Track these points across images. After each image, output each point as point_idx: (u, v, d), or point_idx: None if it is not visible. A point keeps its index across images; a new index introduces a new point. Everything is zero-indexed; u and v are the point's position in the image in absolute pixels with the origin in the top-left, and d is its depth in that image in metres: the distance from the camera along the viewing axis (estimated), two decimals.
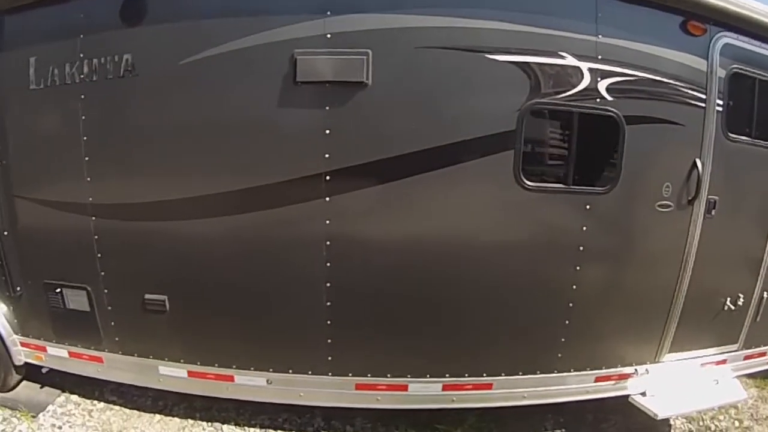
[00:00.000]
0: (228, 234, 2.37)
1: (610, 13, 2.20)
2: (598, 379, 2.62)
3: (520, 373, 2.55)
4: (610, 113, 2.26)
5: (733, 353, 2.77)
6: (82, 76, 2.41)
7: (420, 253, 2.32)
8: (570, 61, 2.20)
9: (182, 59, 2.23)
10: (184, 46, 2.22)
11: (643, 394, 2.64)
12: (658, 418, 2.59)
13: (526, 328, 2.49)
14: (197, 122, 2.30)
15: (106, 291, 2.63)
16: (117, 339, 2.71)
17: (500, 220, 2.35)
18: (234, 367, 2.58)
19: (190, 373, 2.65)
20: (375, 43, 2.10)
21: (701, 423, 2.92)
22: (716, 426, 2.92)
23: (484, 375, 2.54)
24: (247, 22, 2.15)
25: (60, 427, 2.88)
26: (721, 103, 2.37)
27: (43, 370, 3.11)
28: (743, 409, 3.04)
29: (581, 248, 2.37)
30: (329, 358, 2.48)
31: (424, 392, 2.55)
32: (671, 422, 2.89)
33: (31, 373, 3.17)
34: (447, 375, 2.53)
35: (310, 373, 2.52)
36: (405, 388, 2.53)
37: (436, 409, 2.76)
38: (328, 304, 2.37)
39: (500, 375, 2.54)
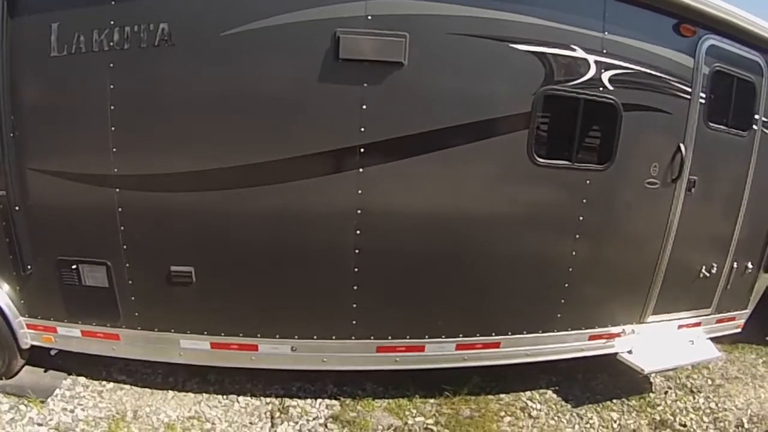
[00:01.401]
0: (259, 204, 2.58)
1: (616, 14, 2.61)
2: (591, 338, 3.06)
3: (525, 332, 2.96)
4: (610, 101, 2.65)
5: (706, 317, 3.33)
6: (111, 44, 2.46)
7: (441, 221, 2.66)
8: (580, 53, 2.56)
9: (223, 31, 2.37)
10: (226, 18, 2.36)
11: (630, 352, 3.12)
12: (645, 373, 3.09)
13: (531, 291, 2.91)
14: (235, 94, 2.47)
15: (127, 265, 2.73)
16: (137, 314, 2.82)
17: (513, 192, 2.72)
18: (258, 336, 2.79)
19: (213, 345, 2.80)
20: (412, 26, 2.39)
21: (678, 381, 3.50)
22: (692, 383, 3.50)
23: (493, 334, 2.93)
24: None
25: (72, 410, 2.94)
26: (703, 96, 2.87)
27: (52, 353, 3.16)
28: (714, 369, 3.65)
29: (581, 218, 2.78)
30: (353, 323, 2.75)
31: (440, 352, 2.90)
32: (651, 380, 3.41)
33: (32, 357, 3.17)
34: (460, 335, 2.89)
35: (334, 338, 2.77)
36: (422, 348, 2.82)
37: (442, 371, 3.04)
38: (356, 270, 2.64)
39: (507, 334, 2.94)
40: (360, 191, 2.48)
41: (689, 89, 2.81)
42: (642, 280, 3.02)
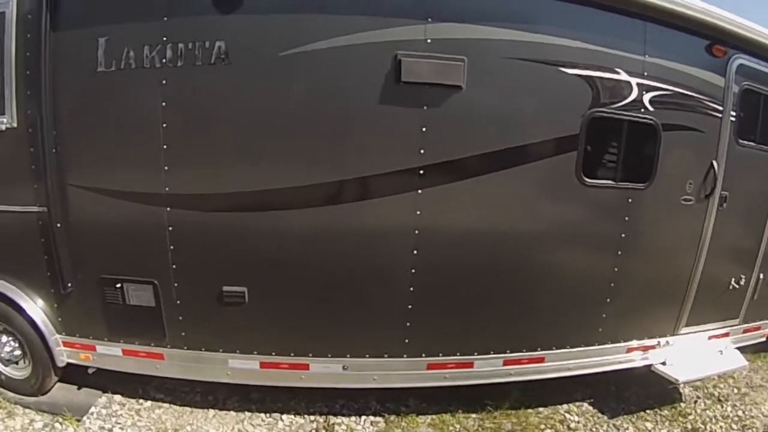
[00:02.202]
0: (316, 224, 2.58)
1: (655, 37, 2.70)
2: (629, 350, 3.14)
3: (568, 347, 3.00)
4: (650, 121, 2.74)
5: (734, 327, 3.44)
6: (164, 61, 2.44)
7: (493, 240, 2.70)
8: (623, 76, 2.65)
9: (282, 51, 2.37)
10: (285, 38, 2.37)
11: (664, 363, 3.20)
12: (679, 383, 3.13)
13: (575, 306, 2.97)
14: (293, 114, 2.46)
15: (176, 285, 2.70)
16: (183, 334, 2.79)
17: (561, 211, 2.78)
18: (310, 355, 2.76)
19: (263, 364, 2.78)
20: (469, 50, 2.43)
21: (706, 390, 3.59)
22: (719, 393, 3.59)
23: (538, 349, 2.97)
24: (351, 20, 2.36)
25: (110, 429, 2.90)
26: (734, 113, 2.98)
27: (90, 371, 3.05)
28: (739, 378, 3.77)
29: (623, 235, 2.86)
30: (406, 341, 2.76)
31: (488, 368, 2.93)
32: (681, 390, 3.52)
33: (65, 374, 3.11)
34: (507, 351, 2.92)
35: (386, 356, 2.78)
36: (471, 365, 2.85)
37: (483, 387, 3.04)
38: (411, 289, 2.65)
39: (551, 349, 2.99)
40: (418, 212, 2.50)
41: (720, 107, 2.91)
42: (676, 293, 3.10)
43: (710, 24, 2.78)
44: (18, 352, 3.13)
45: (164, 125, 2.46)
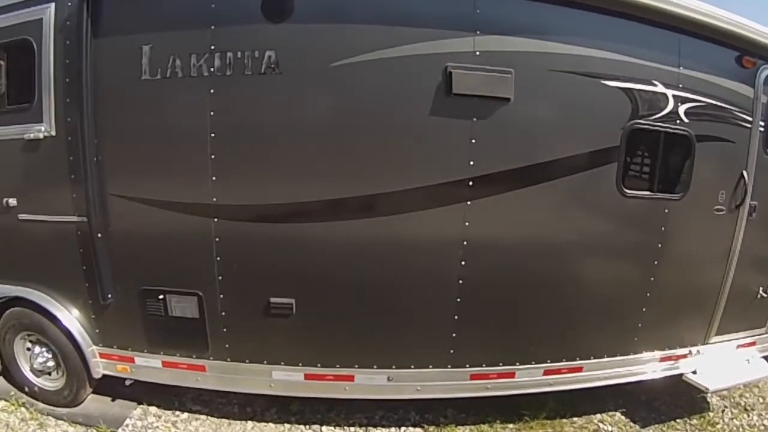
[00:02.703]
0: (365, 235, 2.57)
1: (689, 49, 2.77)
2: (662, 359, 3.18)
3: (605, 356, 3.00)
4: (685, 133, 2.78)
5: (761, 336, 3.45)
6: (212, 69, 2.43)
7: (537, 251, 2.71)
8: (660, 88, 2.70)
9: (333, 61, 2.37)
10: (336, 49, 2.38)
11: (694, 372, 3.20)
12: (709, 392, 3.17)
13: (613, 315, 2.99)
14: (343, 126, 2.48)
15: (221, 296, 2.67)
16: (227, 346, 2.76)
17: (602, 222, 2.82)
18: (356, 366, 2.73)
19: (307, 376, 2.76)
20: (516, 63, 2.45)
21: (732, 400, 3.61)
22: (745, 402, 3.62)
23: (577, 359, 2.97)
24: (401, 31, 2.38)
25: None
26: (763, 124, 3.04)
27: (127, 383, 3.04)
28: (764, 387, 3.79)
29: (659, 245, 2.89)
30: (451, 351, 2.77)
31: (528, 378, 2.93)
32: (708, 399, 3.54)
33: (99, 385, 3.08)
34: (548, 361, 2.92)
35: (430, 367, 2.78)
36: (513, 375, 2.85)
37: (519, 397, 3.04)
38: (458, 300, 2.65)
39: (589, 358, 3.00)
40: (467, 223, 2.51)
41: (750, 118, 2.96)
42: (708, 303, 3.12)
43: (740, 36, 2.84)
44: (51, 363, 3.09)
45: (212, 135, 2.45)
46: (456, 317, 2.65)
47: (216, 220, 2.51)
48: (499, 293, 2.66)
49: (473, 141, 2.43)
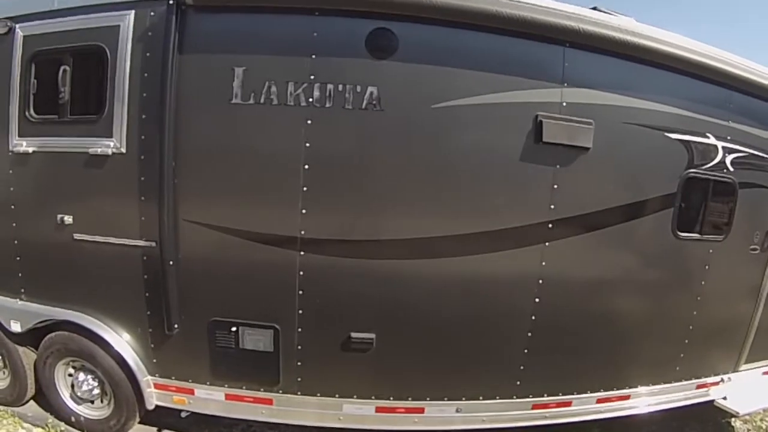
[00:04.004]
0: (446, 273, 2.73)
1: (737, 104, 3.10)
2: (698, 387, 3.44)
3: (650, 384, 3.27)
4: (730, 180, 3.09)
5: None
6: (310, 100, 2.47)
7: (604, 288, 2.96)
8: (712, 140, 3.02)
9: (434, 103, 2.50)
10: (438, 91, 2.50)
11: (724, 398, 3.49)
12: (740, 415, 3.45)
13: (660, 347, 3.28)
14: (437, 166, 2.61)
15: (299, 330, 2.73)
16: (299, 379, 2.82)
17: (658, 261, 3.11)
18: (428, 399, 2.86)
19: (378, 409, 2.87)
20: (596, 115, 2.67)
21: (754, 424, 4.03)
22: (765, 425, 4.02)
23: (626, 387, 3.24)
24: (499, 79, 2.55)
25: None
26: None
27: (183, 414, 3.02)
28: None
29: (703, 283, 3.17)
30: (517, 383, 2.97)
31: (583, 406, 3.17)
32: (732, 424, 3.90)
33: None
34: (601, 389, 3.17)
35: (497, 398, 2.96)
36: (570, 404, 3.10)
37: (562, 426, 3.26)
38: (529, 334, 2.83)
39: (637, 387, 3.27)
40: (544, 263, 2.71)
41: None
42: (740, 334, 3.48)
43: None
44: (96, 391, 3.07)
45: (306, 167, 2.48)
46: (526, 350, 2.84)
47: (302, 253, 2.56)
48: (565, 327, 2.87)
49: (555, 186, 2.64)
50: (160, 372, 2.86)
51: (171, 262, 2.62)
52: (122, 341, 2.85)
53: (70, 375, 3.11)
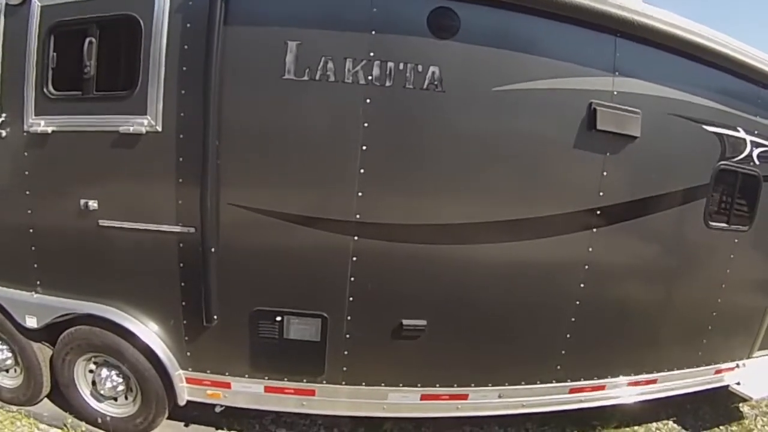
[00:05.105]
0: (498, 258, 2.86)
1: (765, 100, 3.35)
2: (716, 372, 3.76)
3: (676, 369, 3.57)
4: (755, 173, 3.37)
5: None
6: (369, 78, 2.47)
7: (645, 273, 3.18)
8: (742, 134, 3.30)
9: (495, 86, 2.59)
10: (498, 74, 2.59)
11: (738, 383, 3.84)
12: (754, 400, 3.81)
13: (686, 332, 3.54)
14: (495, 150, 2.72)
15: (348, 318, 2.78)
16: (345, 369, 2.87)
17: (691, 248, 3.35)
18: (472, 385, 2.99)
19: (423, 396, 2.99)
20: (643, 105, 2.85)
21: (760, 409, 4.38)
22: None
23: (654, 372, 3.51)
24: (555, 64, 2.67)
25: None
26: None
27: (217, 409, 3.04)
28: None
29: (728, 271, 3.47)
30: (558, 368, 3.16)
31: (615, 389, 3.39)
32: (741, 408, 4.27)
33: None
34: (632, 374, 3.42)
35: (538, 382, 3.13)
36: (603, 387, 3.36)
37: (588, 410, 3.50)
38: (573, 319, 3.02)
39: (663, 371, 3.54)
40: (590, 249, 2.89)
41: None
42: (755, 321, 3.81)
43: None
44: (121, 388, 3.03)
45: (364, 147, 2.50)
46: (568, 335, 3.03)
47: (356, 238, 2.60)
48: (606, 313, 3.08)
49: (605, 174, 2.81)
50: (194, 366, 2.85)
51: (213, 249, 2.59)
52: (152, 334, 2.82)
53: (91, 371, 3.05)
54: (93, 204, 2.70)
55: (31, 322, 2.93)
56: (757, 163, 3.39)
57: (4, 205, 2.90)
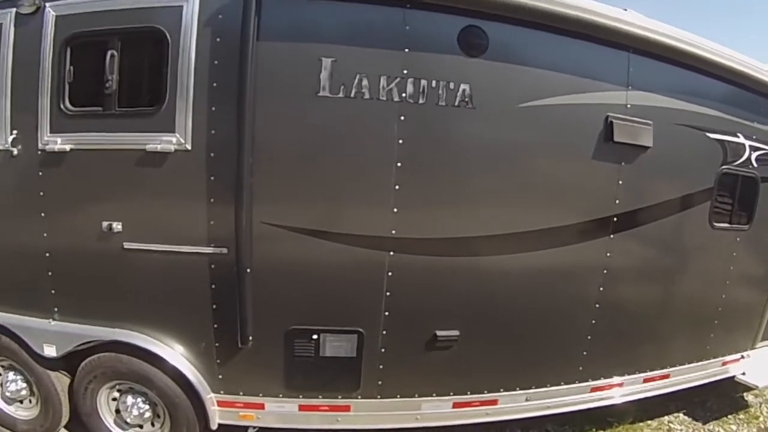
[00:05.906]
0: (525, 267, 3.07)
1: (762, 106, 3.67)
2: (723, 364, 4.12)
3: (686, 363, 3.88)
4: (753, 175, 3.73)
5: None
6: (404, 95, 2.61)
7: (656, 274, 3.50)
8: (741, 139, 3.64)
9: (521, 102, 2.81)
10: (524, 90, 2.80)
11: (743, 373, 4.22)
12: (759, 388, 4.21)
13: (695, 328, 3.88)
14: (522, 164, 2.94)
15: (384, 332, 2.93)
16: (380, 383, 3.03)
17: (697, 249, 3.68)
18: (501, 390, 3.22)
19: (456, 404, 3.18)
20: (654, 116, 3.14)
21: (764, 397, 4.78)
22: None
23: (667, 367, 3.81)
24: (574, 81, 2.91)
25: None
26: None
27: (250, 431, 3.06)
28: None
29: (731, 268, 3.81)
30: (580, 368, 3.42)
31: (632, 386, 3.68)
32: (745, 398, 4.66)
33: None
34: (647, 370, 3.72)
35: (562, 384, 3.37)
36: (621, 384, 3.63)
37: (605, 407, 3.80)
38: (593, 322, 3.29)
39: (675, 366, 3.85)
40: (608, 254, 3.15)
41: None
42: (757, 313, 4.19)
43: None
44: (148, 415, 3.07)
45: (398, 164, 2.64)
46: (589, 337, 3.29)
47: (392, 253, 2.75)
48: (623, 314, 3.36)
49: (620, 183, 3.08)
50: (226, 388, 2.91)
51: (248, 270, 2.66)
52: (182, 358, 2.86)
53: (114, 399, 3.09)
54: (117, 226, 2.71)
55: (50, 351, 2.93)
56: (755, 165, 3.74)
57: (16, 229, 2.90)
